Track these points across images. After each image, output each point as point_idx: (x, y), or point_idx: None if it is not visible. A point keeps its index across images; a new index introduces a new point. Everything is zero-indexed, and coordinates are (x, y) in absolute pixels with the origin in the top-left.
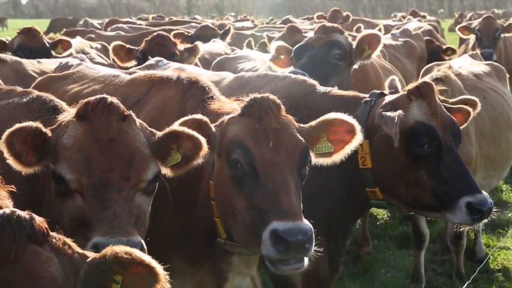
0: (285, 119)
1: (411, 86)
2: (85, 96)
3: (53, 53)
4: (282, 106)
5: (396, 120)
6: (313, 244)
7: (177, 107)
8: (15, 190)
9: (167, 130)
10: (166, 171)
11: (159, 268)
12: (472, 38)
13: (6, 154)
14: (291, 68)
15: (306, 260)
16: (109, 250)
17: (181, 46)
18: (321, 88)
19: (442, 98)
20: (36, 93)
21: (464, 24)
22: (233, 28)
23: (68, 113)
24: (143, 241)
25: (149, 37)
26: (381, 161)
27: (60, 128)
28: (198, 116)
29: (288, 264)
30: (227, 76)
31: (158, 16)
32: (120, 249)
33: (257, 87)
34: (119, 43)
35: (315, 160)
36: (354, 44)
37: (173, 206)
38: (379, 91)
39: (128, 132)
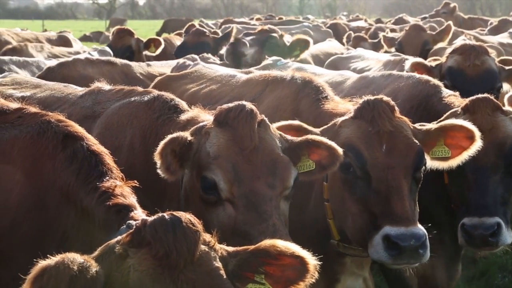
0: (399, 121)
1: None
2: (203, 95)
3: (147, 52)
4: (396, 108)
5: None
6: (428, 250)
7: (291, 106)
8: (137, 185)
9: (303, 138)
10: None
11: (309, 258)
12: None
13: (160, 166)
14: None
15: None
16: (262, 243)
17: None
18: (443, 92)
19: None
20: (156, 92)
21: None
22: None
23: (204, 117)
24: None
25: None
26: None
27: (201, 134)
28: (296, 122)
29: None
30: (351, 76)
31: (268, 15)
32: (269, 242)
33: (381, 87)
34: None
35: (430, 163)
36: (503, 67)
37: None
38: None
39: (266, 138)
